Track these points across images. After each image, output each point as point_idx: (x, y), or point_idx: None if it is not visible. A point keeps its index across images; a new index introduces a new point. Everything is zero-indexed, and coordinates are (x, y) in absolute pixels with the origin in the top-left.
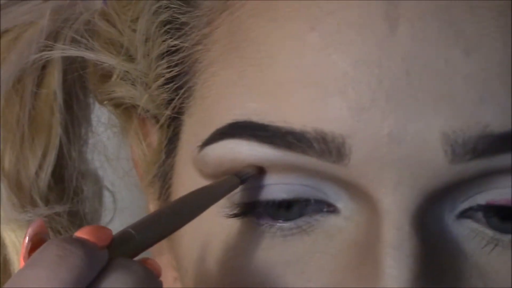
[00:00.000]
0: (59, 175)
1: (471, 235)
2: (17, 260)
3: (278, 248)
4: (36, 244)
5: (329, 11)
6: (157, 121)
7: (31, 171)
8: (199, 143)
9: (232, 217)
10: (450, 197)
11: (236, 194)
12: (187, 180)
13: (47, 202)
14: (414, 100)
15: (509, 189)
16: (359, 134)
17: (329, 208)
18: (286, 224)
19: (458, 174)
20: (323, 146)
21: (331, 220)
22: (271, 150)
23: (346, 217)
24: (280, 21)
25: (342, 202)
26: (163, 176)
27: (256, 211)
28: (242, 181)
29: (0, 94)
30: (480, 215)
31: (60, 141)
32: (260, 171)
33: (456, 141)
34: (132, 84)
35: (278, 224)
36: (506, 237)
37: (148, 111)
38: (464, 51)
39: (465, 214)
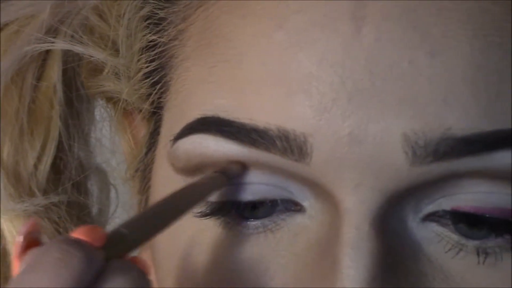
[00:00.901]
0: (58, 168)
1: (436, 239)
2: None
3: (243, 246)
4: (30, 243)
5: (296, 9)
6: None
7: (30, 163)
8: (171, 138)
9: (199, 216)
10: (413, 199)
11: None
12: (162, 174)
13: (45, 193)
14: (377, 101)
15: (473, 195)
16: (320, 133)
17: (296, 207)
18: (253, 223)
19: (420, 176)
20: (286, 144)
21: (297, 219)
22: (237, 146)
23: (311, 216)
24: (250, 18)
25: (307, 201)
26: (143, 171)
27: (222, 210)
28: (229, 179)
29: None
30: (447, 220)
31: (60, 134)
32: (244, 168)
33: (417, 142)
34: (119, 79)
35: (244, 222)
36: (470, 243)
37: (132, 104)
38: (429, 53)
39: (430, 218)
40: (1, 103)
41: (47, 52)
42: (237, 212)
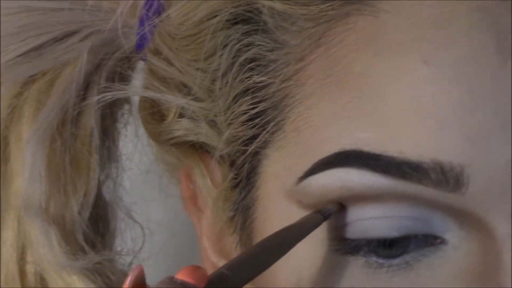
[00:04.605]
0: (97, 215)
1: None
2: None
3: (384, 285)
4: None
5: (439, 45)
6: (226, 156)
7: (74, 213)
8: (300, 174)
9: (340, 254)
10: None
11: (344, 228)
12: (280, 213)
13: (92, 245)
14: None
15: None
16: (477, 164)
17: (436, 241)
18: (395, 261)
19: None
20: (441, 176)
21: (438, 252)
22: (384, 179)
23: (455, 247)
24: (386, 54)
25: (450, 232)
26: (244, 212)
27: (364, 248)
28: (325, 218)
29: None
30: None
31: (99, 182)
32: (341, 208)
33: None
34: (196, 121)
35: (387, 262)
36: None
37: (216, 149)
38: None
39: None
40: (48, 155)
41: (83, 98)
42: (376, 250)
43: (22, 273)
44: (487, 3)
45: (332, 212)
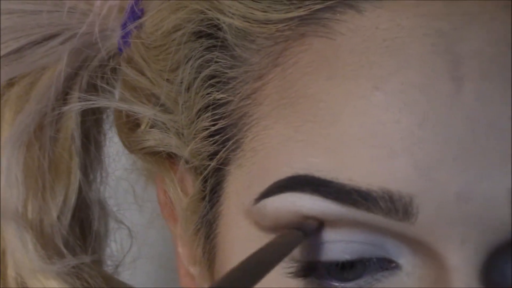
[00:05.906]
0: (79, 219)
1: None
2: None
3: None
4: None
5: (392, 71)
6: (194, 168)
7: (53, 218)
8: (256, 196)
9: (292, 276)
10: None
11: (296, 251)
12: (240, 232)
13: (72, 250)
14: (481, 158)
15: None
16: (426, 194)
17: (390, 265)
18: (349, 285)
19: None
20: (390, 205)
21: (392, 278)
22: (335, 206)
23: (408, 273)
24: (338, 79)
25: (403, 257)
26: (208, 226)
27: (317, 271)
28: (306, 235)
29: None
30: None
31: (80, 185)
32: (321, 224)
33: None
34: (165, 132)
35: (340, 286)
36: None
37: (187, 162)
38: None
39: None
40: (25, 159)
41: (64, 102)
42: (330, 274)
43: (3, 276)
44: (444, 28)
45: (312, 228)
